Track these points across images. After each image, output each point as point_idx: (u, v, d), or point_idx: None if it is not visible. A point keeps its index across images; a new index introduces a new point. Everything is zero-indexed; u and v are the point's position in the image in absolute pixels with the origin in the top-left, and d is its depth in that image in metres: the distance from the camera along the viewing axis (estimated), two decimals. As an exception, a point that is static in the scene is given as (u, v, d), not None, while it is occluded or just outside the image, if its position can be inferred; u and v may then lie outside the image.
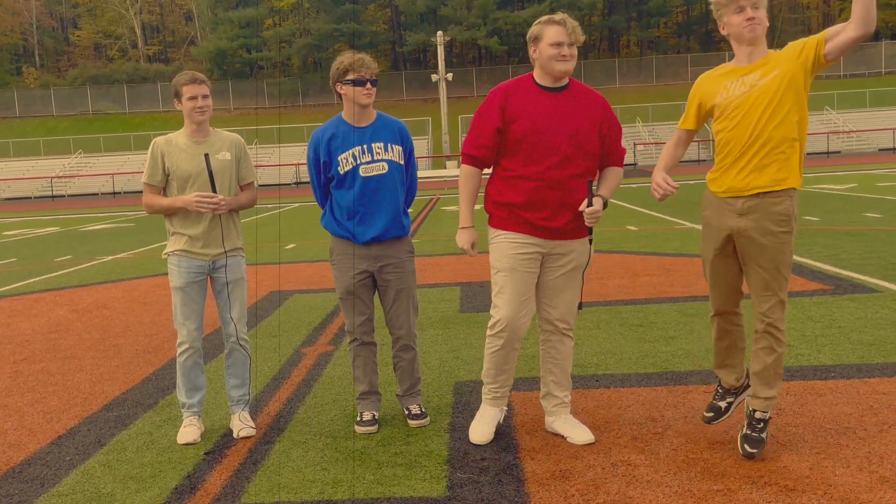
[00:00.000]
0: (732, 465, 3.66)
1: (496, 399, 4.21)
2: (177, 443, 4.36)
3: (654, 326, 6.47)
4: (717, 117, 3.64)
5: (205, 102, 4.32)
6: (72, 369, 6.17)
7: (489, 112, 3.96)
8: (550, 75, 3.93)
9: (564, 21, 3.87)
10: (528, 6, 66.11)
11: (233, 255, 4.46)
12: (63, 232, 21.02)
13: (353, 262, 4.37)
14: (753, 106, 3.51)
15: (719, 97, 3.61)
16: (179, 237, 4.38)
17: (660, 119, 53.75)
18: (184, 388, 4.49)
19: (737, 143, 3.57)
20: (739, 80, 3.56)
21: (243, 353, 4.54)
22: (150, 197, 4.39)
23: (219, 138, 4.46)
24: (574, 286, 4.09)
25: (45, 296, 9.90)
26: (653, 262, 9.86)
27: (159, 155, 4.34)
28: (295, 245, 14.35)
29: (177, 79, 4.36)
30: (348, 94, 4.26)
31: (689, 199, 19.69)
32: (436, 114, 53.49)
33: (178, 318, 4.42)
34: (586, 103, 3.99)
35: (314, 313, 7.85)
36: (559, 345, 4.14)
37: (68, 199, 45.49)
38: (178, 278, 4.38)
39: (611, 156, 4.09)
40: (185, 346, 4.43)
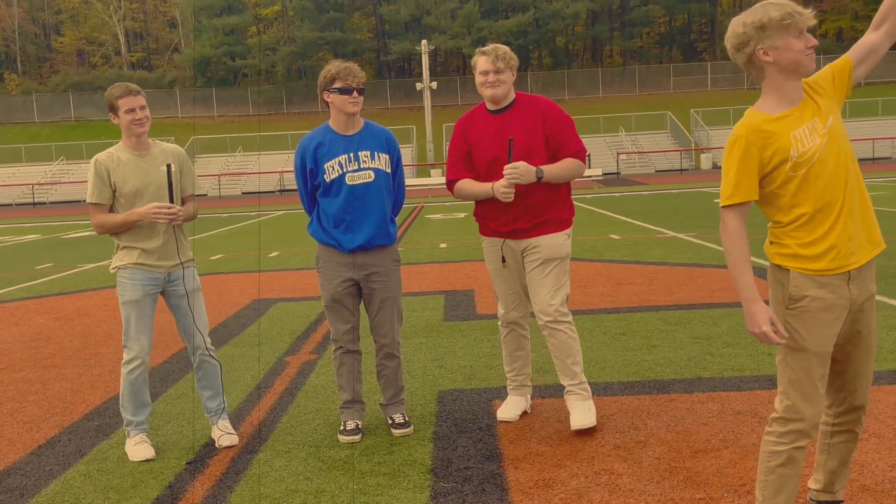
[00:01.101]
0: (714, 473, 3.68)
1: (517, 388, 4.66)
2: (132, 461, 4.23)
3: (636, 335, 6.50)
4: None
5: (143, 114, 4.21)
6: (52, 378, 6.12)
7: (456, 140, 4.51)
8: (489, 101, 4.37)
9: (489, 51, 4.29)
10: (513, 15, 66.42)
11: (188, 266, 4.41)
12: (44, 239, 20.86)
13: (339, 270, 4.37)
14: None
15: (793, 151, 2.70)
16: (131, 251, 4.26)
17: (642, 128, 54.08)
18: (131, 406, 4.33)
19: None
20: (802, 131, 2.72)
21: (213, 364, 4.48)
22: (101, 216, 4.25)
23: (161, 150, 4.37)
24: (549, 278, 4.34)
25: (26, 304, 9.82)
26: (635, 271, 9.90)
27: (104, 172, 4.21)
28: (279, 253, 14.30)
29: (110, 92, 4.22)
30: (335, 103, 4.27)
31: (671, 208, 19.81)
32: (420, 122, 53.55)
33: (131, 332, 4.27)
34: (525, 115, 4.33)
35: (297, 321, 7.83)
36: (552, 338, 4.39)
37: (50, 206, 45.15)
38: (133, 292, 4.26)
39: (562, 151, 4.34)
40: (138, 362, 4.28)
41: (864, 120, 49.99)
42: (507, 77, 4.27)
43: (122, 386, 4.33)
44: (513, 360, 4.62)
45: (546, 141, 4.29)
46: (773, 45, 2.69)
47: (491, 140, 4.32)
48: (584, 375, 4.48)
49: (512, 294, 4.51)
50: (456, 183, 4.47)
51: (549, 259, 4.33)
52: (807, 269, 2.73)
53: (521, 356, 4.61)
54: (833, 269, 2.72)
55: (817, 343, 2.74)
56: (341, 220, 4.32)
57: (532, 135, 4.28)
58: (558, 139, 4.31)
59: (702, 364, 5.52)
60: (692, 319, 6.94)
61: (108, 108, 4.27)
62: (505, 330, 4.60)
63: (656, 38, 75.33)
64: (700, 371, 5.35)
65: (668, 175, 44.10)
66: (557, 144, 4.31)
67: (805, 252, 2.73)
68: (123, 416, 4.38)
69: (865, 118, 50.42)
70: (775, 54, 2.70)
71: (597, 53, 73.97)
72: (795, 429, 2.77)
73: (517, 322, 4.56)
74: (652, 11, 68.09)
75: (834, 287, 2.73)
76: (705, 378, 5.18)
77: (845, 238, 2.71)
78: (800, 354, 2.75)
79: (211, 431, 4.56)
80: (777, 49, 2.69)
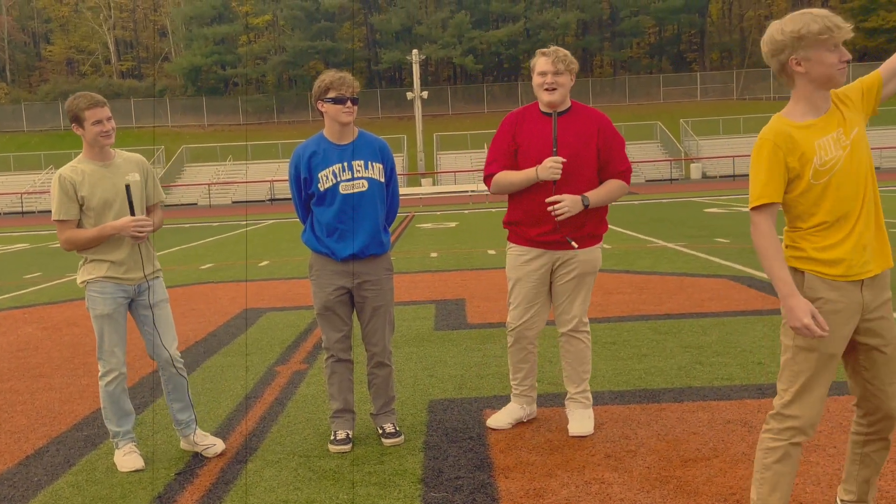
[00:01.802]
0: (705, 483, 3.69)
1: (517, 396, 4.64)
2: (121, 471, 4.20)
3: (627, 344, 6.51)
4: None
5: (109, 125, 4.12)
6: (41, 388, 6.08)
7: (503, 136, 4.39)
8: (543, 104, 4.31)
9: (550, 52, 4.26)
10: (503, 26, 66.66)
11: (156, 277, 4.36)
12: (33, 248, 20.76)
13: (331, 278, 4.38)
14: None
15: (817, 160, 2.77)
16: (99, 264, 4.18)
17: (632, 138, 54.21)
18: (114, 417, 4.29)
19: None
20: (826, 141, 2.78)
21: (181, 376, 4.41)
22: (71, 232, 4.13)
23: (124, 160, 4.30)
24: (580, 292, 4.44)
25: (14, 313, 9.76)
26: (625, 280, 9.92)
27: (70, 187, 4.10)
28: (268, 262, 14.27)
29: (74, 103, 4.09)
30: (329, 112, 4.29)
31: (661, 218, 19.87)
32: (411, 131, 53.60)
33: (106, 346, 4.21)
34: (582, 124, 4.30)
35: (288, 331, 7.81)
36: (568, 345, 4.50)
37: (38, 216, 44.94)
38: (105, 305, 4.18)
39: (608, 169, 4.34)
40: (115, 374, 4.24)
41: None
42: (565, 80, 4.24)
43: (102, 399, 4.28)
44: (517, 371, 4.62)
45: (598, 153, 4.28)
46: (807, 57, 2.73)
47: (541, 142, 4.27)
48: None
49: (531, 306, 4.45)
50: (493, 176, 4.37)
51: (585, 273, 4.41)
52: (821, 272, 2.79)
53: (524, 368, 4.59)
54: (849, 276, 2.78)
55: (827, 344, 2.79)
56: (335, 228, 4.33)
57: (586, 144, 4.26)
58: (609, 154, 4.31)
59: (692, 373, 5.53)
60: (682, 329, 6.95)
61: (70, 119, 4.11)
62: (511, 339, 4.56)
63: (646, 49, 75.72)
64: (690, 380, 5.36)
65: (658, 185, 44.25)
66: (607, 159, 4.31)
67: (820, 256, 2.79)
68: (108, 428, 4.34)
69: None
70: (808, 66, 2.74)
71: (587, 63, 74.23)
72: (792, 426, 2.83)
73: (527, 335, 4.50)
74: (642, 22, 68.46)
75: (846, 291, 2.79)
76: (695, 387, 5.19)
77: (860, 247, 2.77)
78: (810, 354, 2.80)
79: (181, 444, 4.49)
80: (810, 61, 2.74)
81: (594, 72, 73.22)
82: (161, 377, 4.42)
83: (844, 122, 2.81)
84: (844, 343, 2.83)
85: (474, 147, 51.84)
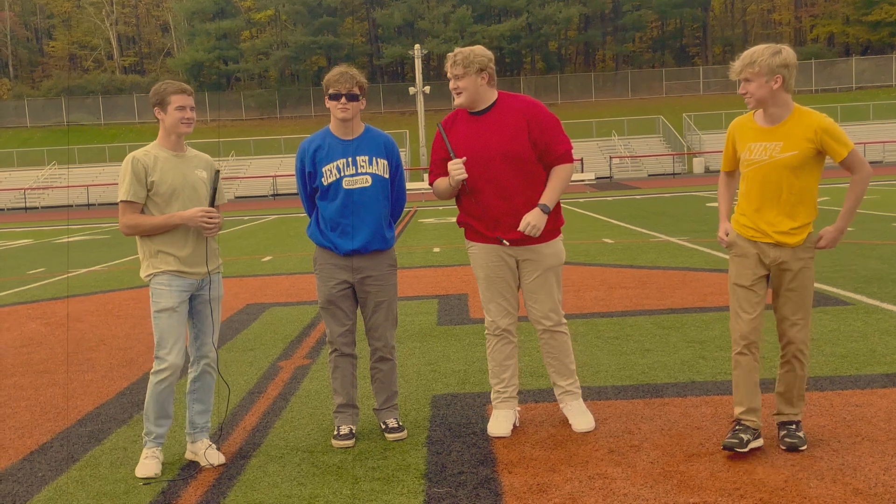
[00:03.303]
0: (708, 477, 3.69)
1: (505, 400, 4.51)
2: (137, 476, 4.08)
3: (630, 339, 6.50)
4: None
5: (192, 114, 4.15)
6: (44, 384, 6.09)
7: (436, 143, 4.45)
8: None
9: (449, 56, 4.30)
10: (505, 20, 66.53)
11: (216, 273, 4.32)
12: (36, 244, 20.78)
13: (334, 272, 4.38)
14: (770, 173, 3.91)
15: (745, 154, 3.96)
16: (166, 257, 4.08)
17: (635, 132, 54.16)
18: (154, 417, 4.14)
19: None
20: (762, 146, 3.88)
21: (211, 378, 4.33)
22: (134, 216, 4.06)
23: (195, 155, 4.29)
24: (551, 287, 4.40)
25: (18, 309, 9.77)
26: (628, 275, 9.91)
27: (142, 170, 4.05)
28: (272, 257, 14.28)
29: (163, 87, 4.11)
30: (330, 108, 4.35)
31: (664, 212, 19.84)
32: (413, 126, 53.56)
33: (167, 340, 4.07)
34: (508, 117, 4.26)
35: (291, 326, 7.81)
36: (551, 340, 4.46)
37: (42, 211, 45.00)
38: (171, 298, 4.07)
39: (549, 154, 4.29)
40: (169, 373, 4.08)
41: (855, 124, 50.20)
42: (467, 83, 4.21)
43: (148, 396, 4.13)
44: (502, 371, 4.49)
45: (533, 145, 4.23)
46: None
47: (471, 143, 4.27)
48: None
49: (504, 300, 4.42)
50: (433, 185, 4.50)
51: (551, 266, 4.39)
52: (737, 227, 4.05)
53: (510, 365, 4.49)
54: (753, 237, 3.97)
55: (738, 278, 4.01)
56: (338, 223, 4.34)
57: (517, 141, 4.22)
58: (545, 141, 4.24)
59: (695, 368, 5.53)
60: (685, 323, 6.94)
61: (155, 102, 4.12)
62: (494, 339, 4.48)
63: (649, 43, 75.57)
64: (693, 375, 5.36)
65: (660, 179, 44.20)
66: (544, 147, 4.25)
67: (739, 218, 4.03)
68: (145, 424, 4.20)
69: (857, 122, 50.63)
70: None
71: (589, 58, 74.15)
72: (734, 339, 4.03)
73: (508, 330, 4.46)
74: (644, 16, 68.29)
75: (750, 244, 3.97)
76: (699, 382, 5.19)
77: (764, 222, 3.91)
78: (733, 288, 4.05)
79: (187, 452, 4.30)
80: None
81: (596, 66, 73.09)
82: (189, 374, 4.30)
83: (789, 140, 3.82)
84: (750, 279, 3.96)
85: (477, 142, 51.66)
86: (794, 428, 4.02)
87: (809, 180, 3.87)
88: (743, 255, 3.99)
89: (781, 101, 3.81)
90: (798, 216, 3.88)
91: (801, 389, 4.05)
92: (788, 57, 3.75)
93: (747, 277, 3.97)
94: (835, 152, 3.81)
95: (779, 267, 3.93)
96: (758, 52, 3.76)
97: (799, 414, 4.07)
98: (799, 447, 3.94)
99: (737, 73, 3.82)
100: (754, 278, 3.96)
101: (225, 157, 53.92)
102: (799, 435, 3.99)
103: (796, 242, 3.89)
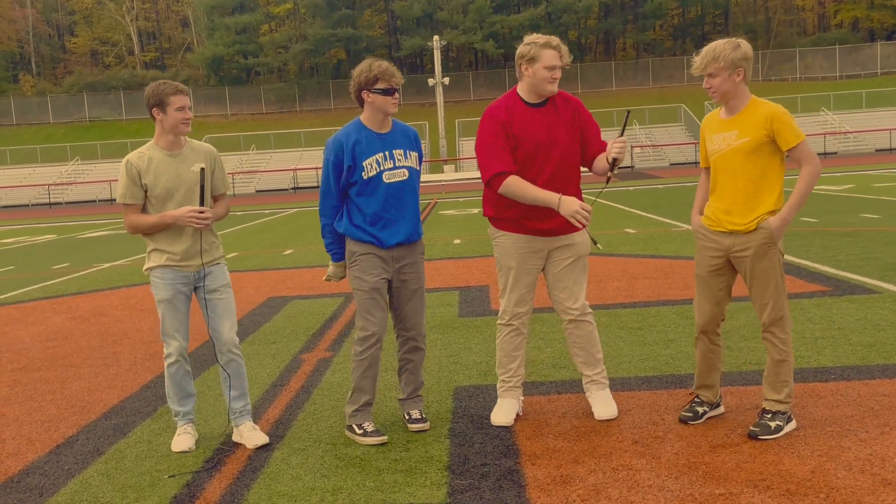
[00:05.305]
0: (734, 468, 3.65)
1: (510, 389, 4.53)
2: (173, 451, 4.34)
3: (653, 329, 6.46)
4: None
5: (190, 114, 4.27)
6: (70, 377, 6.14)
7: (498, 131, 4.26)
8: (539, 95, 4.29)
9: (558, 46, 4.26)
10: (525, 9, 66.20)
11: (217, 263, 4.43)
12: (60, 239, 20.99)
13: (377, 263, 4.33)
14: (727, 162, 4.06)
15: (709, 146, 4.15)
16: (161, 253, 4.31)
17: (656, 122, 53.79)
18: (175, 397, 4.44)
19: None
20: (721, 136, 4.06)
21: (238, 363, 4.46)
22: (134, 217, 4.28)
23: (192, 149, 4.37)
24: (578, 275, 4.44)
25: (43, 303, 9.87)
26: (651, 265, 9.85)
27: (136, 173, 4.22)
28: (293, 250, 14.32)
29: (160, 88, 4.20)
30: (376, 103, 4.25)
31: (686, 202, 19.69)
32: (433, 118, 53.50)
33: (167, 329, 4.35)
34: (564, 112, 4.34)
35: (313, 319, 7.83)
36: (576, 329, 4.47)
37: (66, 207, 45.44)
38: (165, 290, 4.31)
39: (590, 149, 4.40)
40: (175, 358, 4.37)
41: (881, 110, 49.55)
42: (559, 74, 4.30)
43: (166, 379, 4.44)
44: (510, 361, 4.51)
45: (582, 142, 4.38)
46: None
47: (537, 135, 4.26)
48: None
49: (525, 292, 4.45)
50: (507, 177, 4.20)
51: (580, 255, 4.44)
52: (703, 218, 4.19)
53: (518, 356, 4.51)
54: (710, 226, 4.13)
55: (699, 268, 4.20)
56: (380, 217, 4.31)
57: (572, 136, 4.34)
58: (588, 134, 4.39)
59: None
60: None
61: (153, 103, 4.21)
62: (507, 329, 4.49)
63: (669, 31, 74.91)
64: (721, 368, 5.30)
65: (682, 168, 43.89)
66: (586, 143, 4.39)
67: (706, 209, 4.18)
68: (170, 406, 4.49)
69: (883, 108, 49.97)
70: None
71: (609, 46, 73.63)
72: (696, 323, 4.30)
73: (522, 322, 4.48)
74: (665, 3, 67.64)
75: (712, 234, 4.12)
76: (723, 372, 5.14)
77: (721, 209, 4.06)
78: (697, 278, 4.24)
79: (233, 433, 4.50)
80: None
81: (617, 55, 72.58)
82: (219, 363, 4.46)
83: (743, 128, 3.96)
84: (706, 269, 4.16)
85: (497, 133, 51.56)
86: (769, 417, 4.03)
87: (766, 169, 3.96)
88: (702, 245, 4.17)
89: (742, 93, 3.99)
90: (753, 204, 3.98)
91: (785, 375, 4.04)
92: (748, 50, 3.94)
93: (703, 267, 4.17)
94: (783, 140, 3.91)
95: (735, 255, 4.06)
96: (719, 47, 3.93)
97: (782, 404, 4.04)
98: (759, 436, 3.95)
99: (701, 69, 3.97)
100: (710, 268, 4.14)
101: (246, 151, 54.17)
102: (768, 424, 3.99)
103: (747, 229, 4.00)
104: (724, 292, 4.20)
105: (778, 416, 4.02)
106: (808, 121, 48.89)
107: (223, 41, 67.44)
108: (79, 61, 78.27)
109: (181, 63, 76.55)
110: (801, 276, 8.43)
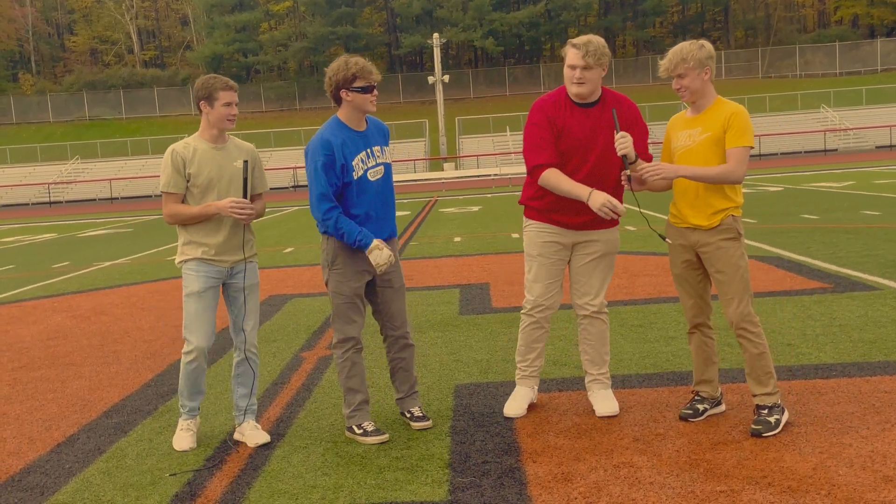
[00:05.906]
0: (735, 465, 3.65)
1: (526, 378, 4.59)
2: (174, 449, 4.34)
3: (654, 327, 6.46)
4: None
5: (236, 110, 4.31)
6: (70, 376, 6.14)
7: (542, 123, 4.25)
8: (572, 94, 4.24)
9: (580, 45, 4.14)
10: (524, 7, 66.13)
11: (251, 261, 4.45)
12: (61, 238, 20.99)
13: (361, 266, 4.29)
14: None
15: (674, 143, 4.24)
16: (196, 246, 4.30)
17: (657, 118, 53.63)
18: (187, 392, 4.42)
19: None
20: (687, 133, 4.15)
21: (255, 362, 4.50)
22: (175, 206, 4.28)
23: (235, 146, 4.42)
24: (601, 272, 4.47)
25: (44, 302, 9.87)
26: (651, 262, 9.84)
27: (180, 162, 4.24)
28: (293, 248, 14.33)
29: (211, 82, 4.23)
30: (355, 101, 4.21)
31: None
32: (432, 116, 53.45)
33: (193, 323, 4.31)
34: (609, 112, 4.25)
35: (313, 317, 7.83)
36: (590, 326, 4.50)
37: (66, 205, 45.42)
38: (197, 283, 4.29)
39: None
40: (195, 354, 4.33)
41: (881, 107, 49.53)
42: (594, 75, 4.15)
43: (181, 374, 4.40)
44: (529, 351, 4.57)
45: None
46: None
47: (579, 134, 4.22)
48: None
49: (552, 283, 4.45)
50: (546, 169, 4.20)
51: (607, 253, 4.47)
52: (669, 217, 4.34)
53: (537, 348, 4.57)
54: (675, 223, 4.26)
55: (673, 265, 4.33)
56: (370, 216, 4.29)
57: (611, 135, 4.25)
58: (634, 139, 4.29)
59: (720, 355, 5.46)
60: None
61: (202, 96, 4.23)
62: (528, 320, 4.52)
63: (669, 28, 74.77)
64: (719, 362, 5.30)
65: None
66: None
67: (671, 207, 4.32)
68: (180, 399, 4.48)
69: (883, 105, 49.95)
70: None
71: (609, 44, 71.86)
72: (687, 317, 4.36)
73: (547, 313, 4.48)
74: (664, 1, 67.60)
75: (676, 231, 4.25)
76: (724, 369, 5.14)
77: (685, 205, 4.16)
78: (672, 276, 4.39)
79: (235, 432, 4.48)
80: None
81: (617, 52, 72.42)
82: (234, 359, 4.49)
83: (706, 124, 4.05)
84: (679, 266, 4.28)
85: (496, 130, 51.61)
86: (766, 412, 4.03)
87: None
88: (672, 243, 4.29)
89: (709, 91, 4.09)
90: (714, 200, 4.06)
91: (767, 367, 4.07)
92: (711, 49, 4.05)
93: (677, 265, 4.28)
94: (731, 135, 3.97)
95: (700, 250, 4.15)
96: (686, 48, 4.02)
97: (772, 395, 4.06)
98: (763, 433, 3.94)
99: (671, 71, 4.03)
100: (683, 263, 4.25)
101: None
102: (767, 420, 4.00)
103: (709, 225, 4.07)
104: (703, 284, 4.27)
105: (774, 410, 4.04)
106: (809, 118, 48.87)
107: (223, 39, 67.40)
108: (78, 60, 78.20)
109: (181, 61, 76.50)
110: (802, 273, 8.43)
